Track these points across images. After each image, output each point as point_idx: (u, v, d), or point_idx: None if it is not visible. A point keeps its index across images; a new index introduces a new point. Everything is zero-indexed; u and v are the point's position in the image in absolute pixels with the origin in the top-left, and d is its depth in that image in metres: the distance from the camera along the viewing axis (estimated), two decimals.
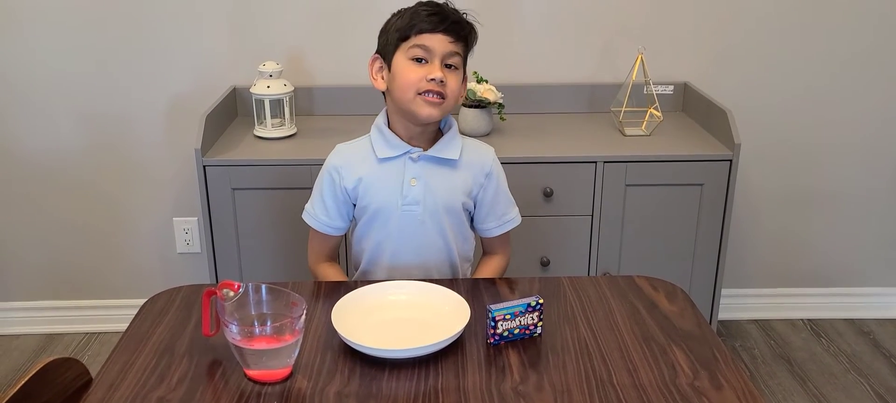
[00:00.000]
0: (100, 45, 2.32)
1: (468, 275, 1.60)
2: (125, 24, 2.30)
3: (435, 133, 1.49)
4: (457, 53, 1.42)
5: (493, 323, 1.20)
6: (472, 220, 1.57)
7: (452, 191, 1.48)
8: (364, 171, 1.48)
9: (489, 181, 1.51)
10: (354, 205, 1.52)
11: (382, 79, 1.47)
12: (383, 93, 1.49)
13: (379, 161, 1.47)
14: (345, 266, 2.04)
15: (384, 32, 1.46)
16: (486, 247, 1.62)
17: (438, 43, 1.39)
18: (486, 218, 1.54)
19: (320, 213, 1.53)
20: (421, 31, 1.39)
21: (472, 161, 1.50)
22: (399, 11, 1.45)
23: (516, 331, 1.22)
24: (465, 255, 1.57)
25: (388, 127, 1.49)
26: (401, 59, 1.42)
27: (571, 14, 2.35)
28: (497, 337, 1.21)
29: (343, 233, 1.56)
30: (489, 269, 1.59)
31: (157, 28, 2.31)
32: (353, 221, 1.57)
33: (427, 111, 1.40)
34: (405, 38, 1.41)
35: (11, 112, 2.38)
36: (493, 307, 1.20)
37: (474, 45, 1.47)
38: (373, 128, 1.50)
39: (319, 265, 1.59)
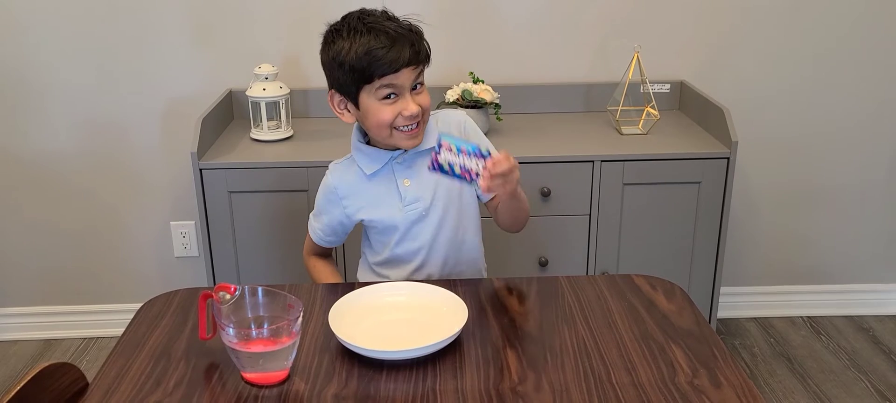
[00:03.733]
0: (96, 50, 2.31)
1: (481, 250, 1.59)
2: (121, 29, 2.29)
3: None
4: (421, 71, 1.39)
5: (437, 148, 1.23)
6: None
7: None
8: (360, 192, 1.49)
9: (464, 132, 1.50)
10: (361, 221, 1.53)
11: (348, 112, 1.43)
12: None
13: (368, 178, 1.47)
14: (342, 268, 2.04)
15: (334, 65, 1.37)
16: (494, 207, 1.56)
17: (405, 78, 1.35)
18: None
19: (318, 228, 1.58)
20: (384, 74, 1.33)
21: (447, 129, 1.48)
22: (340, 34, 1.35)
23: (457, 170, 1.24)
24: (474, 229, 1.56)
25: (367, 142, 1.48)
26: (368, 99, 1.37)
27: (567, 13, 2.34)
28: (437, 165, 1.24)
29: (337, 246, 1.62)
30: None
31: (153, 32, 2.30)
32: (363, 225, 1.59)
33: (410, 143, 1.41)
34: (368, 81, 1.35)
35: (7, 116, 2.37)
36: (443, 135, 1.24)
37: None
38: (353, 150, 1.49)
39: (310, 258, 1.64)
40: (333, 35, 1.38)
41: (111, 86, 2.35)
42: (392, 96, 1.36)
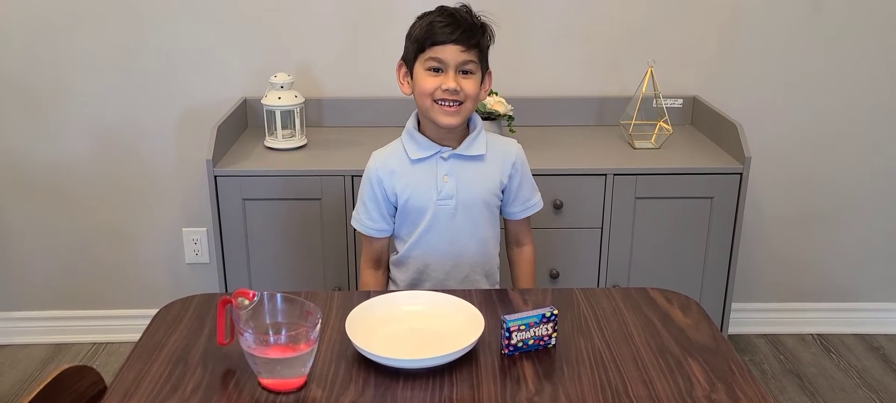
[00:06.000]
0: (112, 57, 2.33)
1: (496, 262, 1.66)
2: (137, 36, 2.31)
3: (462, 131, 1.56)
4: (471, 60, 1.48)
5: (507, 334, 1.19)
6: (498, 204, 1.63)
7: (483, 184, 1.57)
8: (400, 173, 1.56)
9: (515, 171, 1.60)
10: (396, 207, 1.59)
11: (408, 84, 1.55)
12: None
13: (412, 162, 1.54)
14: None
15: (407, 38, 1.52)
16: (510, 232, 1.69)
17: (451, 54, 1.46)
18: (513, 203, 1.63)
19: (364, 218, 1.60)
20: (434, 43, 1.46)
21: (500, 154, 1.59)
22: (421, 16, 1.52)
23: (531, 342, 1.21)
24: (494, 240, 1.64)
25: (419, 130, 1.56)
26: (419, 68, 1.50)
27: (581, 27, 2.35)
28: (512, 348, 1.20)
29: (389, 235, 1.62)
30: (525, 258, 1.69)
31: (169, 39, 2.32)
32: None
33: (445, 119, 1.49)
34: (422, 50, 1.48)
35: (22, 121, 2.39)
36: (507, 317, 1.19)
37: (492, 43, 1.53)
38: (404, 133, 1.57)
39: (366, 270, 1.66)
40: (418, 16, 1.52)
41: (127, 93, 2.37)
42: (438, 70, 1.47)
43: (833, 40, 2.36)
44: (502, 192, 1.60)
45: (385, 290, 1.67)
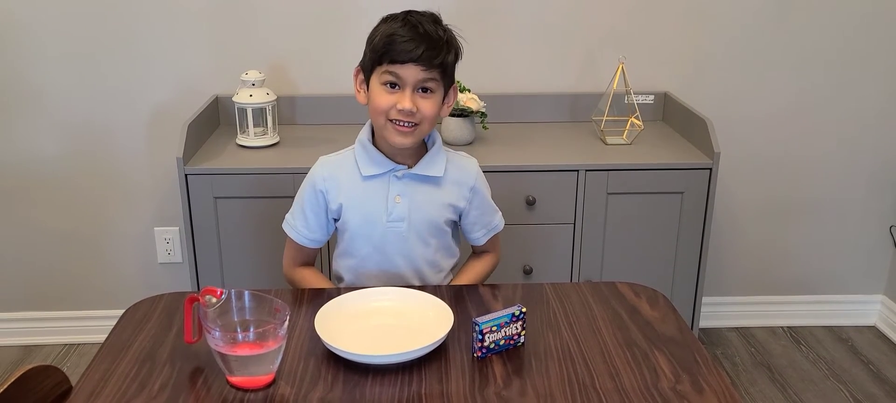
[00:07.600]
0: (82, 54, 2.30)
1: (452, 273, 1.61)
2: (107, 33, 2.29)
3: (419, 148, 1.48)
4: (432, 78, 1.38)
5: (480, 337, 1.18)
6: (454, 226, 1.57)
7: (437, 207, 1.49)
8: (348, 188, 1.47)
9: (474, 195, 1.52)
10: (336, 220, 1.52)
11: (364, 93, 1.46)
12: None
13: (363, 178, 1.46)
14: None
15: (368, 42, 1.43)
16: (475, 249, 1.64)
17: (410, 73, 1.36)
18: (473, 228, 1.56)
19: (301, 226, 1.52)
20: (393, 61, 1.36)
21: (457, 176, 1.50)
22: (385, 19, 1.42)
23: (502, 342, 1.21)
24: (450, 267, 1.58)
25: (373, 142, 1.48)
26: (375, 81, 1.40)
27: (554, 24, 2.37)
28: (485, 350, 1.20)
29: (321, 246, 1.56)
30: (479, 266, 1.61)
31: (140, 37, 2.30)
32: (334, 234, 1.57)
33: (398, 139, 1.40)
34: (379, 63, 1.38)
35: None
36: (480, 320, 1.18)
37: (459, 59, 1.44)
38: (357, 143, 1.49)
39: (295, 270, 1.57)
40: (383, 18, 1.43)
41: (97, 91, 2.34)
42: (395, 86, 1.38)
43: (803, 38, 2.40)
44: (459, 216, 1.52)
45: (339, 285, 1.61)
